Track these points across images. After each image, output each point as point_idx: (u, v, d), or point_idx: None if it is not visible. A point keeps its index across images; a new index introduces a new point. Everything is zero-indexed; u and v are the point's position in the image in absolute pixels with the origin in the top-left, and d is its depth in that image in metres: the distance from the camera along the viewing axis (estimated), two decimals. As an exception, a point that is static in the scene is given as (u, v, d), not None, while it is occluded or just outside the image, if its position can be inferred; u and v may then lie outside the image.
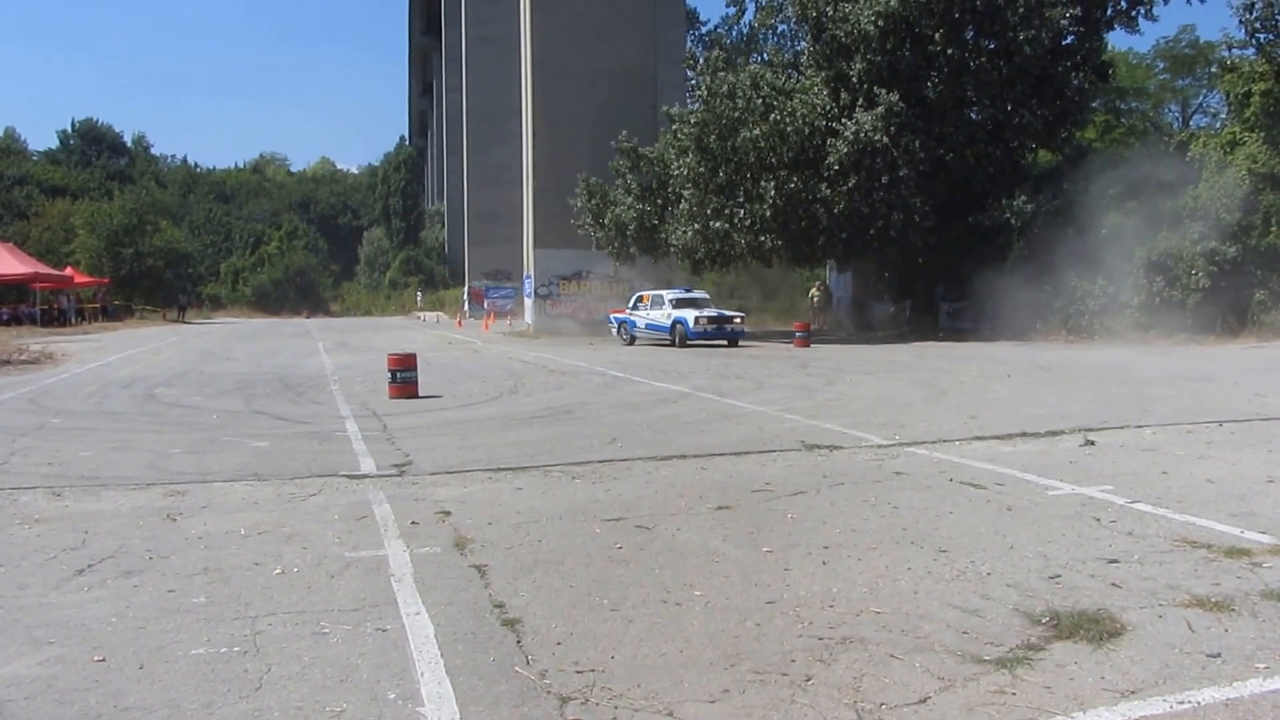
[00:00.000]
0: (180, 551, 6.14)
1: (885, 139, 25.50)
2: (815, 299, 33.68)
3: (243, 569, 5.74)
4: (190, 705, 3.89)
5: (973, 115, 28.26)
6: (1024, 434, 10.14)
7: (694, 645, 4.45)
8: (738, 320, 25.82)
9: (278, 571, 5.67)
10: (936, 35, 26.28)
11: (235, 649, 4.47)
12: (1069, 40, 28.18)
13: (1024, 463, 8.58)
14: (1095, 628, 4.50)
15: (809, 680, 4.05)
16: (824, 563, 5.70)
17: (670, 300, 26.31)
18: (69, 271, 50.65)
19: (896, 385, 15.38)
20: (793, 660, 4.25)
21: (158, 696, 3.97)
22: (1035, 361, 18.76)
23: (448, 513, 7.08)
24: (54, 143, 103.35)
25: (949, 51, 26.29)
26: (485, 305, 49.02)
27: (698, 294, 27.09)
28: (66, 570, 5.76)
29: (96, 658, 4.39)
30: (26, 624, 4.85)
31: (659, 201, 29.68)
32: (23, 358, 22.09)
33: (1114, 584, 5.17)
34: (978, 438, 10.04)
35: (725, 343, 25.53)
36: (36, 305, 43.92)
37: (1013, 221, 26.33)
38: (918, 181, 26.53)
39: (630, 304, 28.06)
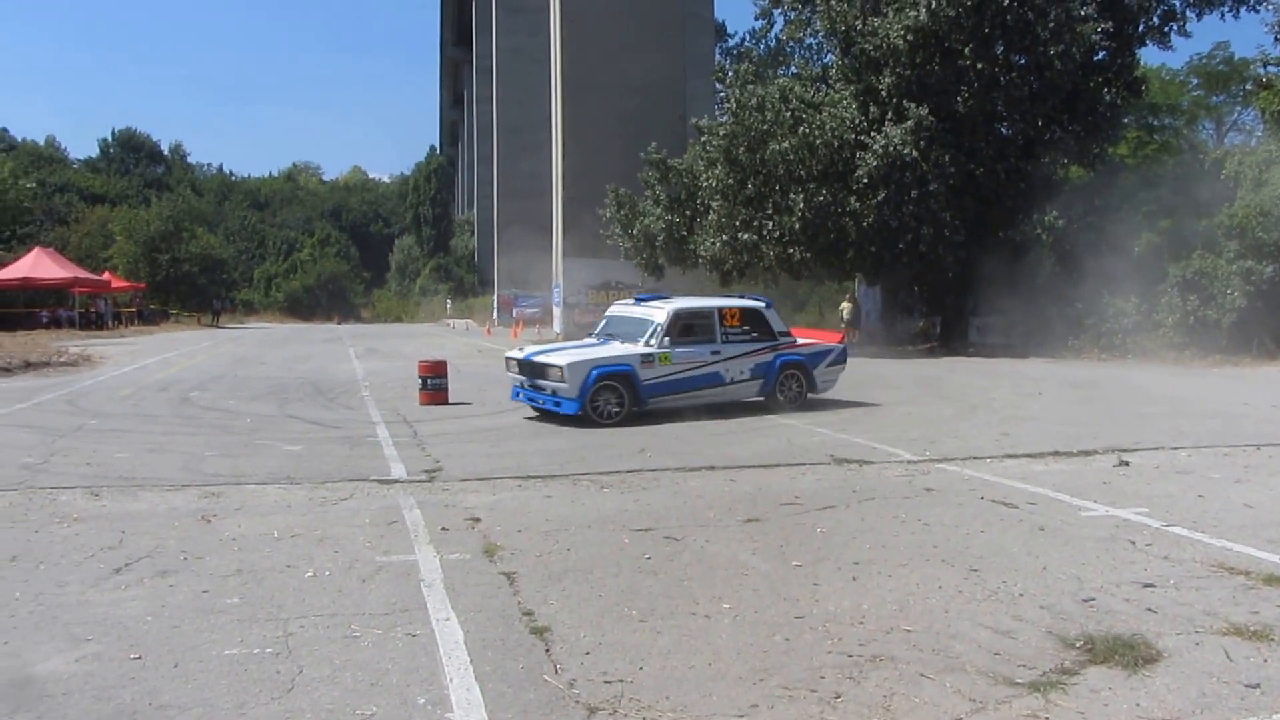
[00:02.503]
0: (215, 552, 6.21)
1: (915, 153, 25.36)
2: (845, 313, 33.54)
3: (275, 571, 5.79)
4: (223, 705, 3.94)
5: (1003, 130, 28.04)
6: (1056, 453, 10.05)
7: (723, 658, 4.45)
8: None
9: (310, 574, 5.72)
10: (966, 50, 26.11)
11: (268, 650, 4.52)
12: (1100, 56, 27.92)
13: (1056, 482, 8.50)
14: (1130, 653, 4.44)
15: (838, 698, 4.04)
16: (854, 578, 5.68)
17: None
18: (107, 276, 51.21)
19: (926, 400, 15.29)
20: (822, 677, 4.24)
21: (192, 695, 4.02)
22: (1067, 379, 18.59)
23: (477, 519, 7.12)
24: (94, 151, 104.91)
25: (979, 66, 26.12)
26: (514, 313, 49.08)
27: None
28: (104, 569, 5.83)
29: (133, 655, 4.45)
30: (65, 621, 4.92)
31: (688, 213, 29.65)
32: (62, 360, 22.38)
33: (1149, 609, 5.11)
34: (1009, 455, 9.97)
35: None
36: (75, 309, 44.47)
37: (1044, 237, 26.09)
38: (947, 196, 26.35)
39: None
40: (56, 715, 3.84)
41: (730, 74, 30.56)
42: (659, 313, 13.20)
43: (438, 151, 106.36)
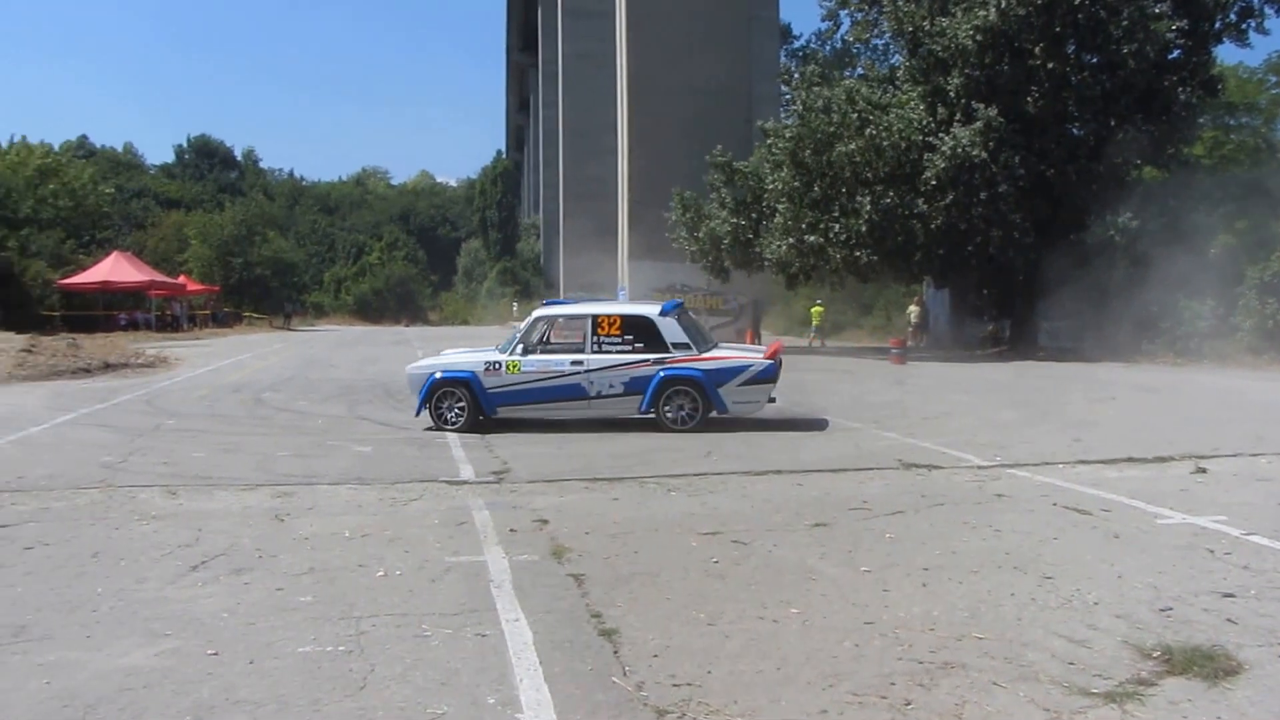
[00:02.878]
0: (288, 551, 6.33)
1: (984, 154, 25.01)
2: (913, 316, 33.18)
3: (347, 570, 5.89)
4: (298, 701, 4.01)
5: (1074, 131, 27.51)
6: (1130, 459, 9.82)
7: (791, 663, 4.43)
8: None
9: (381, 574, 5.80)
10: (1037, 50, 25.68)
11: (340, 648, 4.59)
12: (1175, 54, 27.24)
13: (1131, 489, 8.32)
14: (1210, 665, 4.32)
15: (909, 705, 4.00)
16: (923, 585, 5.61)
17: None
18: (182, 279, 52.46)
19: (996, 405, 15.06)
20: (892, 683, 4.19)
21: (267, 691, 4.10)
22: (1141, 384, 18.18)
23: (545, 521, 7.16)
24: (170, 157, 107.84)
25: (1050, 66, 25.66)
26: (579, 317, 49.31)
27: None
28: (181, 566, 5.98)
29: (210, 651, 4.55)
30: (145, 616, 5.05)
31: (753, 215, 29.53)
32: (139, 361, 22.99)
33: (1229, 619, 4.97)
34: (1082, 461, 9.77)
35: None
36: (152, 311, 45.66)
37: (1117, 239, 25.52)
38: (1017, 198, 25.94)
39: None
40: (138, 709, 3.93)
41: (796, 76, 30.34)
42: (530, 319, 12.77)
43: (504, 156, 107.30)
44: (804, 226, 27.02)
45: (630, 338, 12.19)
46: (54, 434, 11.91)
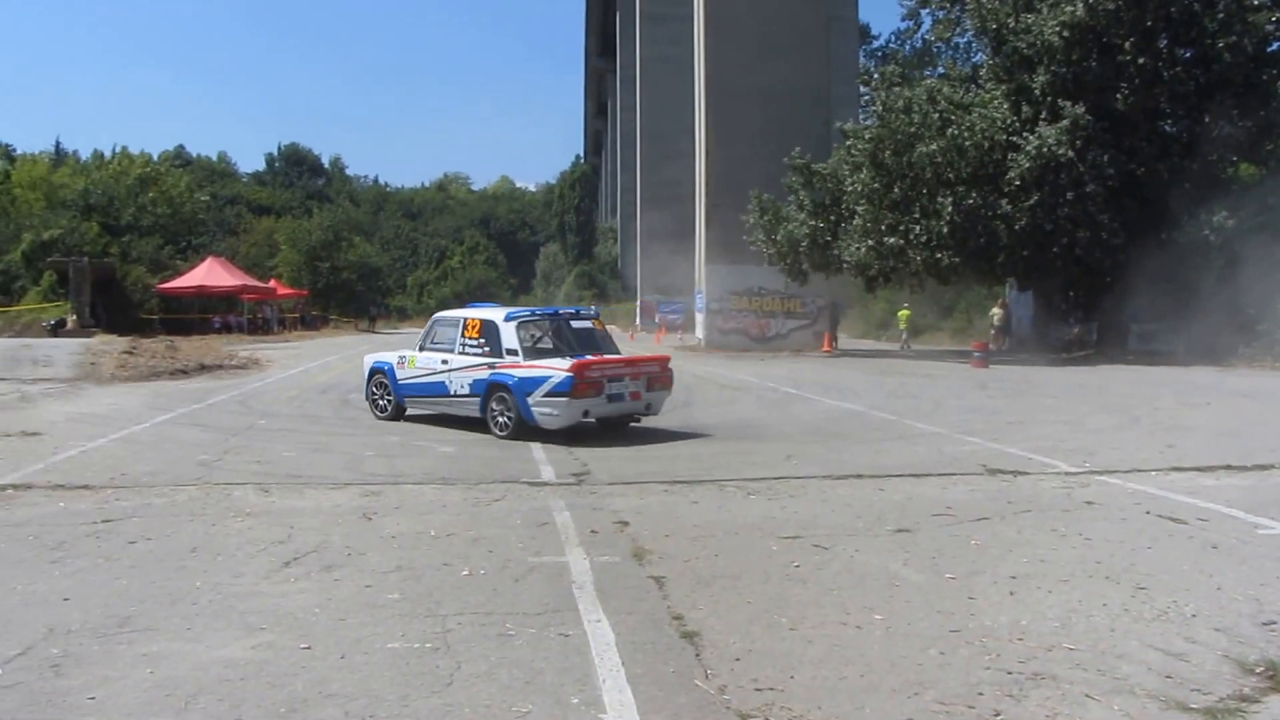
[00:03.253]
0: (376, 549, 6.46)
1: (1070, 153, 24.47)
2: (996, 319, 32.58)
3: (433, 569, 5.99)
4: (388, 696, 4.09)
5: (1166, 128, 26.80)
6: (1228, 467, 9.51)
7: (875, 670, 4.39)
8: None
9: (465, 573, 5.89)
10: (1126, 45, 25.04)
11: (427, 645, 4.68)
12: (1274, 47, 26.33)
13: (1229, 497, 8.06)
14: (1318, 683, 4.17)
15: (997, 715, 3.94)
16: (1011, 593, 5.51)
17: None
18: (272, 284, 53.83)
19: (1084, 409, 14.71)
20: (980, 693, 4.13)
21: (358, 686, 4.19)
22: (1237, 389, 17.60)
23: (626, 523, 7.20)
24: (261, 165, 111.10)
25: (1140, 61, 25.00)
26: (656, 319, 49.48)
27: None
28: (275, 562, 6.14)
29: (303, 645, 4.67)
30: (241, 610, 5.20)
31: (832, 217, 29.28)
32: (233, 363, 23.65)
33: (1337, 634, 4.80)
34: (1175, 468, 9.50)
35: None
36: (244, 315, 46.93)
37: (1211, 239, 24.74)
38: (1106, 197, 25.33)
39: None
40: (236, 699, 4.05)
41: (875, 76, 30.07)
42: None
43: (582, 160, 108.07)
44: (884, 228, 26.74)
45: (481, 341, 12.30)
46: (154, 433, 12.31)
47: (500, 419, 11.89)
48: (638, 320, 55.06)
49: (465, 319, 12.68)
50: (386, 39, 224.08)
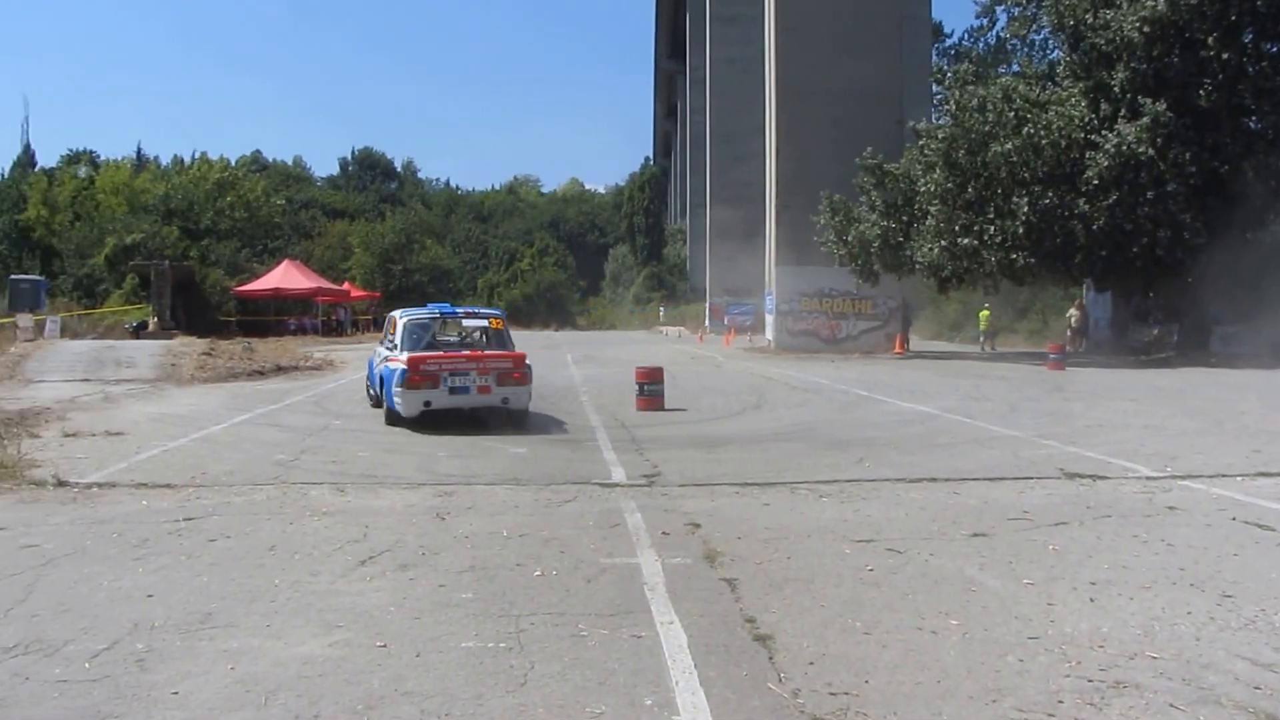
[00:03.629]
0: (449, 549, 6.53)
1: (1151, 151, 23.88)
2: (1073, 320, 31.93)
3: (506, 569, 6.04)
4: (462, 695, 4.13)
5: (1250, 124, 26.03)
6: (1319, 472, 9.22)
7: (951, 676, 4.32)
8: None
9: (538, 573, 5.93)
10: (1210, 40, 24.35)
11: (501, 645, 4.71)
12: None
13: (1320, 504, 7.80)
14: None
15: (1079, 723, 3.85)
16: (1091, 599, 5.40)
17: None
18: (346, 286, 54.79)
19: (1164, 413, 14.34)
20: (1060, 701, 4.05)
21: (434, 684, 4.24)
22: (1329, 392, 17.03)
23: (697, 525, 7.19)
24: (335, 169, 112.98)
25: (1224, 57, 24.28)
26: (725, 321, 49.27)
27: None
28: (351, 560, 6.24)
29: (379, 643, 4.73)
30: (319, 608, 5.29)
31: (904, 218, 28.94)
32: (308, 364, 24.12)
33: None
34: (1263, 474, 9.22)
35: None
36: (319, 316, 47.80)
37: (1300, 238, 24.05)
38: (1188, 196, 24.66)
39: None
40: (314, 696, 4.12)
41: (949, 75, 29.63)
42: None
43: (651, 162, 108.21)
44: (957, 229, 26.37)
45: (391, 337, 13.91)
46: (233, 433, 12.60)
47: (385, 406, 13.32)
48: (706, 322, 54.92)
49: (390, 318, 14.41)
50: (457, 42, 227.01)
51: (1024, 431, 12.30)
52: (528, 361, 13.22)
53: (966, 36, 48.41)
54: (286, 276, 46.97)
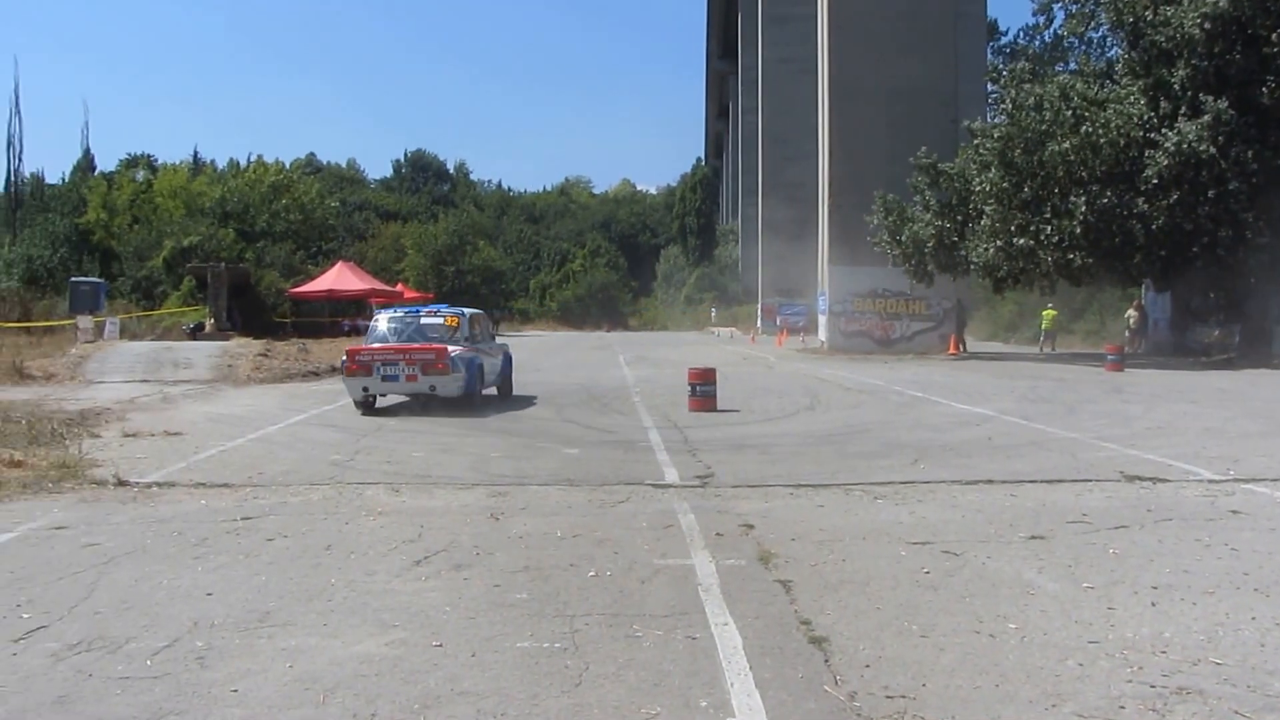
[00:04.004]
0: (503, 549, 6.56)
1: (1212, 150, 23.39)
2: (1131, 321, 31.34)
3: (560, 569, 6.05)
4: (518, 695, 4.14)
5: (1317, 122, 25.44)
6: (1391, 476, 8.96)
7: (1010, 680, 4.26)
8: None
9: (592, 574, 5.94)
10: (1273, 36, 23.81)
11: (556, 645, 4.72)
12: None
13: (1394, 508, 7.58)
14: None
15: (1142, 730, 3.77)
16: (1153, 604, 5.29)
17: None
18: (399, 287, 55.21)
19: (1226, 415, 14.03)
20: (1122, 707, 3.97)
21: (489, 684, 4.26)
22: (1401, 394, 16.55)
23: (751, 526, 7.15)
24: (388, 171, 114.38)
25: (1288, 53, 23.80)
26: (778, 321, 49.04)
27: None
28: (406, 560, 6.30)
29: (435, 643, 4.76)
30: (375, 607, 5.34)
31: (959, 218, 28.60)
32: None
33: None
34: (1332, 478, 8.98)
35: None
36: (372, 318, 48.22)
37: (1367, 238, 23.41)
38: (1250, 195, 24.12)
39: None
40: (371, 694, 4.16)
41: (1004, 73, 29.25)
42: None
43: (703, 163, 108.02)
44: (1013, 229, 26.02)
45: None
46: (289, 433, 12.78)
47: None
48: (759, 323, 54.71)
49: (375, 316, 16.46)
50: (510, 45, 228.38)
51: (1082, 434, 12.10)
52: (453, 354, 14.41)
53: (1022, 34, 47.71)
54: (340, 278, 47.44)
